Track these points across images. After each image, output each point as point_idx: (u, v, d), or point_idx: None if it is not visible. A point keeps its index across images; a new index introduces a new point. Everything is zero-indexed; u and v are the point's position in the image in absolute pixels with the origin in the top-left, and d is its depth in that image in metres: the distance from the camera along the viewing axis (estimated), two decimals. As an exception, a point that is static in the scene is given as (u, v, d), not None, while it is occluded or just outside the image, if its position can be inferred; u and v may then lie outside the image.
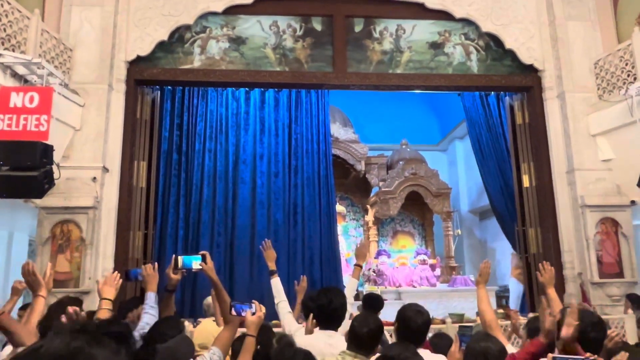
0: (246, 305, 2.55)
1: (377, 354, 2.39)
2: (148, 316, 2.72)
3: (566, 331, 2.12)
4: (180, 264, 2.82)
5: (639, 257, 6.50)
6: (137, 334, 2.47)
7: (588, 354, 2.08)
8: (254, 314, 2.51)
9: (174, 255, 2.89)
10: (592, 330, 2.21)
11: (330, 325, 2.95)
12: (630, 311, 5.34)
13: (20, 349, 1.94)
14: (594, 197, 6.21)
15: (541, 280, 3.31)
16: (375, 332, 2.54)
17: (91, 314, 2.92)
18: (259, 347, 2.46)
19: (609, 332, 2.40)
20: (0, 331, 2.31)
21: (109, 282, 2.71)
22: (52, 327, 2.11)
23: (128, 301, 3.67)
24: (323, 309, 2.97)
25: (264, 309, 2.59)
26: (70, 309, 2.21)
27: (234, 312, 2.52)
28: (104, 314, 2.52)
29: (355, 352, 2.43)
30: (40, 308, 2.49)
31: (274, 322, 4.08)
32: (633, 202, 6.21)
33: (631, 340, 4.39)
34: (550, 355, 2.03)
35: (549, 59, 6.79)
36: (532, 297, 6.76)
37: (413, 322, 2.64)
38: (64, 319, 2.15)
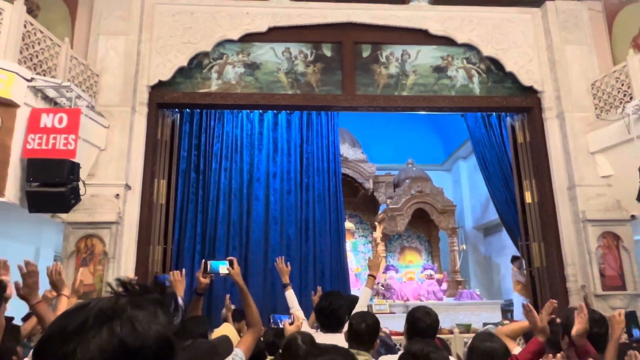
0: (285, 316, 2.61)
1: (400, 351, 2.39)
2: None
3: (577, 329, 2.13)
4: (209, 268, 2.85)
5: (640, 270, 6.41)
6: None
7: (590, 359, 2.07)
8: (291, 324, 2.55)
9: (203, 260, 2.93)
10: (595, 326, 2.23)
11: (332, 327, 2.95)
12: None
13: None
14: (594, 212, 6.15)
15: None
16: (373, 327, 2.57)
17: None
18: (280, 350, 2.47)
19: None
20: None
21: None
22: None
23: None
24: (324, 311, 2.97)
25: (301, 319, 2.62)
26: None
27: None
28: None
29: (357, 348, 2.42)
30: (63, 306, 2.51)
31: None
32: (633, 217, 6.15)
33: None
34: (558, 356, 2.02)
35: (548, 80, 6.81)
36: (537, 308, 6.64)
37: (422, 322, 2.65)
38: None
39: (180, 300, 2.86)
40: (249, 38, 6.76)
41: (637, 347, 2.62)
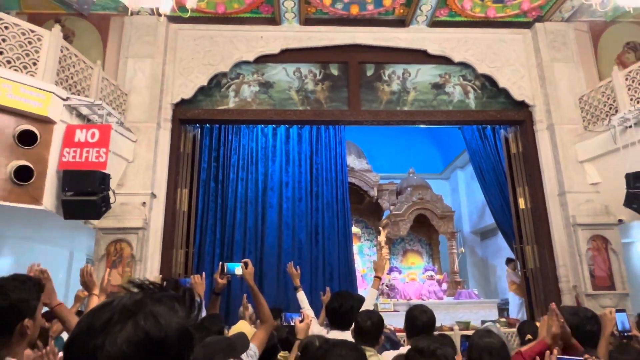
0: (296, 314, 2.59)
1: (403, 347, 2.36)
2: None
3: (552, 334, 2.10)
4: (225, 269, 2.86)
5: (629, 271, 6.30)
6: None
7: (587, 356, 2.01)
8: (301, 321, 2.54)
9: (220, 262, 2.94)
10: (588, 324, 2.18)
11: (342, 325, 2.92)
12: None
13: None
14: (584, 217, 6.07)
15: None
16: (377, 324, 2.55)
17: None
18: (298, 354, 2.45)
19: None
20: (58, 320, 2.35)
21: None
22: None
23: None
24: (335, 311, 2.95)
25: (310, 317, 2.61)
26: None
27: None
28: None
29: (363, 344, 2.39)
30: (94, 304, 2.52)
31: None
32: (621, 221, 6.05)
33: None
34: (554, 352, 1.97)
35: (538, 95, 6.77)
36: (530, 307, 6.56)
37: (419, 320, 2.63)
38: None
39: (198, 299, 2.87)
40: (263, 59, 6.81)
41: (626, 339, 2.57)
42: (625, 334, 2.76)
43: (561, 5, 6.57)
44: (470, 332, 5.53)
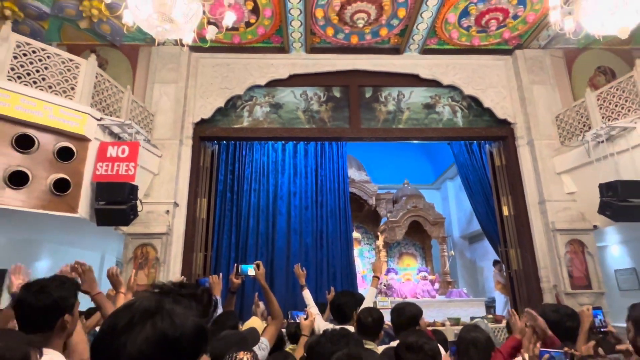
0: (301, 312, 2.58)
1: (397, 341, 2.34)
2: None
3: (520, 326, 2.10)
4: (240, 270, 2.86)
5: (603, 272, 6.23)
6: None
7: (566, 349, 1.99)
8: (306, 319, 2.53)
9: (235, 264, 2.94)
10: (568, 320, 2.15)
11: (343, 320, 2.91)
12: None
13: None
14: (562, 223, 6.03)
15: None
16: (378, 320, 2.54)
17: None
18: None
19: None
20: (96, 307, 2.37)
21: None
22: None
23: None
24: (338, 308, 2.94)
25: (314, 315, 2.60)
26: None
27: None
28: None
29: (364, 338, 2.38)
30: (121, 301, 2.52)
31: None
32: (595, 227, 6.00)
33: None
34: (537, 346, 1.95)
35: (519, 114, 6.78)
36: (515, 305, 6.49)
37: (407, 312, 2.63)
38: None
39: (217, 298, 2.87)
40: (274, 83, 6.87)
41: (603, 334, 2.54)
42: (602, 330, 2.74)
43: (538, 34, 6.61)
44: (460, 327, 5.46)
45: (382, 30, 6.51)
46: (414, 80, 6.97)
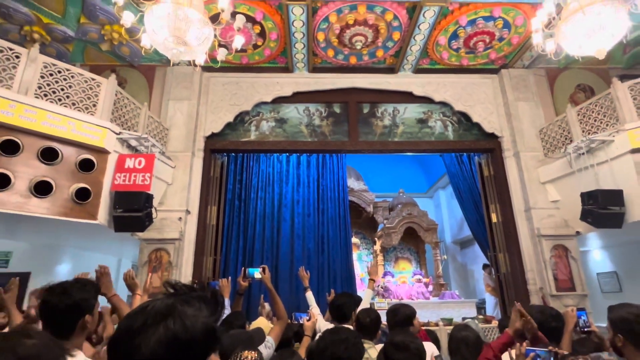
0: (304, 314, 2.57)
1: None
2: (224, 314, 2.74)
3: (518, 325, 2.07)
4: (247, 273, 2.85)
5: (586, 275, 6.18)
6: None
7: (551, 347, 1.98)
8: (308, 320, 2.52)
9: (243, 268, 2.93)
10: (553, 320, 2.13)
11: (343, 320, 2.89)
12: None
13: None
14: (547, 229, 6.00)
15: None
16: (375, 320, 2.52)
17: None
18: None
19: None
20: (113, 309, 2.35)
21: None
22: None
23: None
24: (338, 308, 2.92)
25: (316, 316, 2.59)
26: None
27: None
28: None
29: (363, 338, 2.36)
30: (137, 303, 2.51)
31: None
32: (578, 233, 5.97)
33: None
34: (524, 344, 1.94)
35: (505, 128, 6.79)
36: (504, 306, 6.43)
37: (401, 313, 2.60)
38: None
39: (226, 301, 2.86)
40: (279, 100, 6.91)
41: (586, 334, 2.51)
42: (585, 330, 2.71)
43: (522, 55, 6.66)
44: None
45: (378, 52, 6.57)
46: (408, 97, 7.01)
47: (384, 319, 2.83)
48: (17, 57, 4.50)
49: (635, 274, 6.87)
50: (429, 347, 2.53)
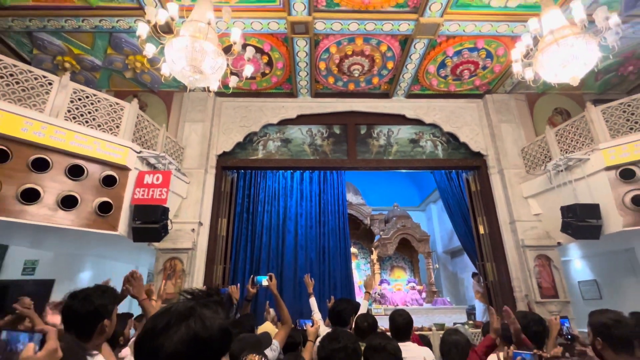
0: (308, 320, 2.54)
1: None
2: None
3: (513, 327, 2.02)
4: (255, 281, 2.83)
5: (568, 283, 6.09)
6: None
7: (535, 350, 1.94)
8: (312, 326, 2.49)
9: (251, 275, 2.91)
10: (534, 325, 2.09)
11: (342, 324, 2.84)
12: None
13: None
14: (530, 240, 5.95)
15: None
16: (372, 325, 2.48)
17: None
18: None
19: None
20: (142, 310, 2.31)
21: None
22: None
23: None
24: (338, 313, 2.88)
25: (318, 323, 2.55)
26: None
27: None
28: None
29: (361, 341, 2.32)
30: (151, 307, 2.47)
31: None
32: (559, 243, 5.92)
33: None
34: (511, 348, 1.90)
35: (490, 148, 6.82)
36: (492, 312, 6.31)
37: (396, 321, 2.55)
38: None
39: (235, 303, 2.83)
40: (284, 122, 6.97)
41: (569, 341, 2.46)
42: (569, 336, 2.66)
43: (504, 81, 6.74)
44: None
45: (374, 79, 6.67)
46: (401, 119, 7.06)
47: (380, 324, 2.79)
48: (50, 83, 4.58)
49: (614, 282, 6.77)
50: (426, 352, 2.49)
